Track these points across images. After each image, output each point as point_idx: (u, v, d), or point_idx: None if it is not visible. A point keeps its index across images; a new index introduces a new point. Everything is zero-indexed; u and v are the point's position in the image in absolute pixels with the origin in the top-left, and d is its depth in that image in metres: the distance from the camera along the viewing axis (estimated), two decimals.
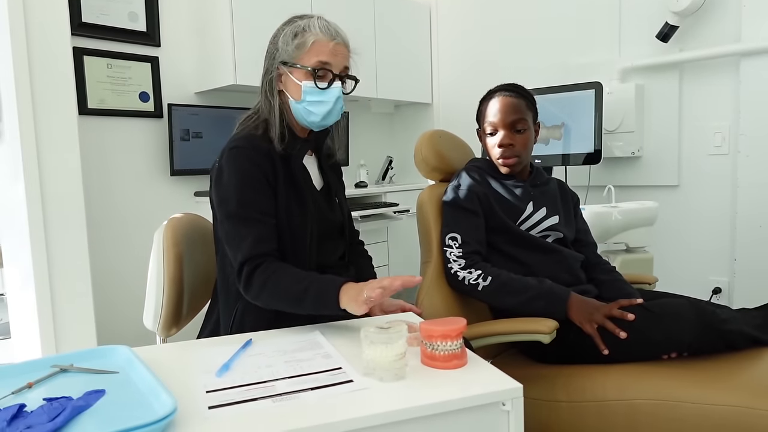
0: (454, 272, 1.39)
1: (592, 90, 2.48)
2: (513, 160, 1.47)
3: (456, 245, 1.41)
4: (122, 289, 2.58)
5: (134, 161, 2.67)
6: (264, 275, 1.08)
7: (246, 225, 1.12)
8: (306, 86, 1.18)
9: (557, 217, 1.52)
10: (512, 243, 1.45)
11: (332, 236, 1.30)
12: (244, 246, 1.10)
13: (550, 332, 1.20)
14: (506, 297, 1.34)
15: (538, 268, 1.43)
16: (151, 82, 2.70)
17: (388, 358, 0.77)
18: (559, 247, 1.48)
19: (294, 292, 1.05)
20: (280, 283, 1.07)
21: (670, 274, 2.60)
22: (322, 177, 1.32)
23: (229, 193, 1.14)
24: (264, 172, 1.15)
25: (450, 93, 3.66)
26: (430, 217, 1.50)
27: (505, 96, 1.48)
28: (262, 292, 1.08)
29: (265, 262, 1.10)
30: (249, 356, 0.89)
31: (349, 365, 0.83)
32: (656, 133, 2.64)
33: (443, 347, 0.81)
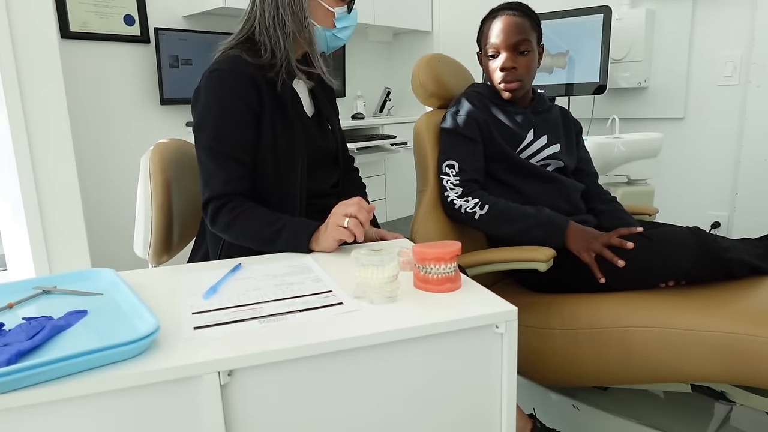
0: (450, 200, 1.37)
1: (600, 15, 2.36)
2: (515, 84, 1.42)
3: (453, 173, 1.38)
4: (114, 220, 2.56)
5: (122, 89, 2.58)
6: (231, 214, 1.08)
7: (218, 161, 1.10)
8: (339, 12, 1.17)
9: (558, 145, 1.49)
10: (511, 171, 1.43)
11: (325, 164, 1.27)
12: (213, 183, 1.09)
13: (546, 260, 1.19)
14: (503, 226, 1.32)
15: (536, 197, 1.41)
16: (136, 4, 2.56)
17: (379, 281, 0.75)
18: (559, 176, 1.46)
19: (264, 234, 1.05)
20: (248, 224, 1.07)
21: (670, 207, 2.58)
22: (313, 103, 1.28)
23: (206, 122, 1.10)
24: (246, 100, 1.11)
25: (451, 20, 3.51)
26: (427, 145, 1.47)
27: (508, 15, 1.40)
28: (228, 230, 1.09)
29: (232, 201, 1.09)
30: (237, 280, 0.88)
31: (340, 289, 0.82)
32: (665, 63, 2.54)
33: (436, 270, 0.79)
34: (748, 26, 2.30)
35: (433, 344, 0.70)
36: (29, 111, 1.78)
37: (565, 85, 2.49)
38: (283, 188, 1.15)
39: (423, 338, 0.69)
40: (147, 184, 1.24)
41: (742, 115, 2.37)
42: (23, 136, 1.77)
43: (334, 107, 1.38)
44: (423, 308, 0.74)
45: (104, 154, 2.56)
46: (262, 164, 1.14)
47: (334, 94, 1.38)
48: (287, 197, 1.15)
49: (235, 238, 1.10)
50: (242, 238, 1.08)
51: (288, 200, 1.15)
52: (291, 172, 1.15)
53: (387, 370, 0.68)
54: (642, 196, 2.16)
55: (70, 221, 1.88)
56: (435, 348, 0.70)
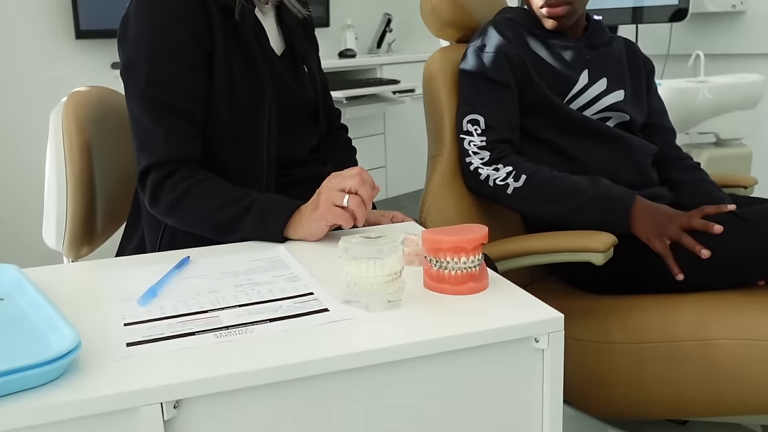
0: (474, 169, 1.38)
1: None
2: (563, 9, 1.42)
3: (478, 131, 1.39)
4: (17, 198, 2.57)
5: (22, 20, 2.56)
6: (179, 189, 1.08)
7: (157, 114, 1.10)
8: None
9: (622, 92, 1.50)
10: (557, 128, 1.44)
11: (301, 120, 1.28)
12: (152, 145, 1.10)
13: (605, 250, 1.20)
14: (546, 203, 1.34)
15: (591, 164, 1.42)
16: None
17: (377, 279, 0.75)
18: (623, 133, 1.46)
19: (222, 216, 1.05)
20: (201, 201, 1.07)
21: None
22: (283, 37, 1.28)
23: (138, 62, 1.11)
24: (194, 31, 1.11)
25: None
26: (442, 93, 1.48)
27: None
28: (174, 211, 1.09)
29: (180, 170, 1.09)
30: (185, 279, 0.88)
31: (324, 290, 0.82)
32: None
33: (455, 265, 0.79)
34: None
35: (449, 365, 0.70)
36: None
37: (632, 9, 2.48)
38: (244, 153, 1.15)
39: (435, 357, 0.69)
40: (59, 150, 1.24)
41: None
42: None
43: (313, 43, 1.38)
44: (436, 316, 0.74)
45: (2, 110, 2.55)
46: (215, 120, 1.14)
47: (312, 26, 1.38)
48: (249, 165, 1.16)
49: (182, 222, 1.10)
50: (193, 221, 1.09)
51: (250, 169, 1.16)
52: (254, 130, 1.16)
53: (387, 400, 0.69)
54: (735, 161, 2.16)
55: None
56: (452, 370, 0.71)
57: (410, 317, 0.74)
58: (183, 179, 1.09)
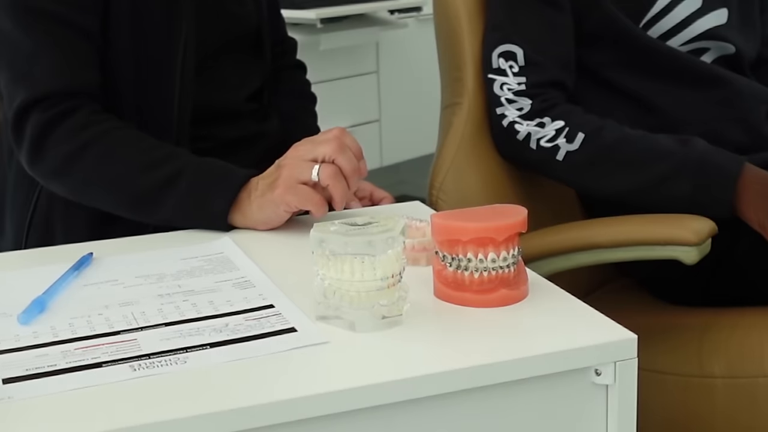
0: (509, 124, 1.40)
1: None
2: None
3: (514, 69, 1.41)
4: None
5: None
6: (79, 138, 1.10)
7: (41, 28, 1.12)
8: None
9: (725, 11, 1.52)
10: (629, 64, 1.46)
11: (236, 53, 1.32)
12: (36, 71, 1.12)
13: (699, 243, 1.21)
14: (613, 174, 1.36)
15: (681, 116, 1.44)
16: None
17: (366, 286, 0.76)
18: (726, 72, 1.49)
19: (140, 183, 1.07)
20: (110, 158, 1.09)
21: None
22: None
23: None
24: None
25: None
26: (461, 12, 1.49)
27: None
28: (67, 171, 1.10)
29: (80, 110, 1.11)
30: (86, 286, 0.89)
31: (289, 301, 0.83)
32: None
33: (479, 264, 0.80)
34: None
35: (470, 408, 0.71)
36: None
37: None
38: (147, 98, 1.19)
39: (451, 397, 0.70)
40: None
41: None
42: None
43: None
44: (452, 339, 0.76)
45: None
46: (108, 47, 1.17)
47: None
48: (153, 117, 1.19)
49: (77, 189, 1.13)
50: (94, 188, 1.11)
51: (153, 123, 1.18)
52: (162, 64, 1.18)
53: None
54: None
55: None
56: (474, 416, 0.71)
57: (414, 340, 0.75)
58: (84, 124, 1.11)
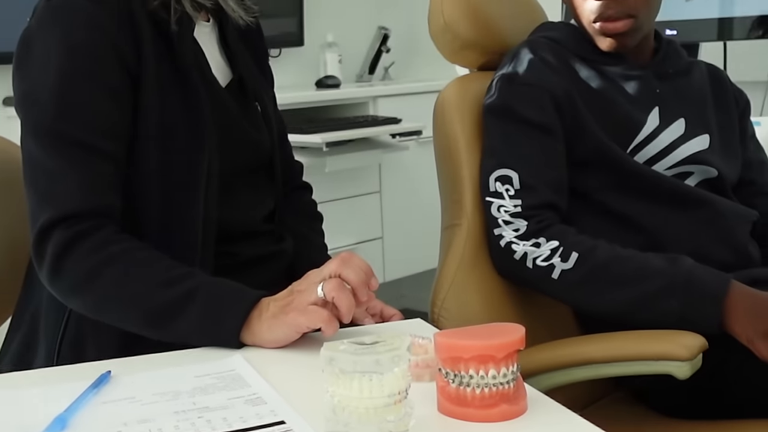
0: (506, 245, 1.41)
1: None
2: (623, 24, 1.47)
3: (510, 192, 1.42)
4: None
5: None
6: (97, 256, 1.09)
7: (66, 154, 1.13)
8: None
9: (706, 137, 1.53)
10: (619, 188, 1.47)
11: (252, 177, 1.33)
12: (58, 194, 1.12)
13: (690, 358, 1.20)
14: (606, 291, 1.36)
15: (668, 237, 1.45)
16: None
17: (374, 402, 0.76)
18: (709, 195, 1.49)
19: (155, 301, 1.07)
20: (127, 277, 1.09)
21: None
22: (228, 63, 1.34)
23: (42, 87, 1.15)
24: (115, 47, 1.16)
25: None
26: (460, 140, 1.51)
27: None
28: (86, 287, 1.10)
29: (103, 229, 1.11)
30: (105, 403, 0.88)
31: (300, 417, 0.83)
32: None
33: (480, 380, 0.80)
34: None
35: None
36: None
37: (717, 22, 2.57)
38: (173, 220, 1.19)
39: None
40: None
41: None
42: None
43: (265, 70, 1.44)
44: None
45: None
46: (138, 174, 1.18)
47: (264, 47, 1.44)
48: (179, 238, 1.18)
49: (95, 306, 1.12)
50: (111, 306, 1.10)
51: (180, 243, 1.18)
52: (189, 189, 1.19)
53: None
54: None
55: None
56: None
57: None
58: (102, 243, 1.10)
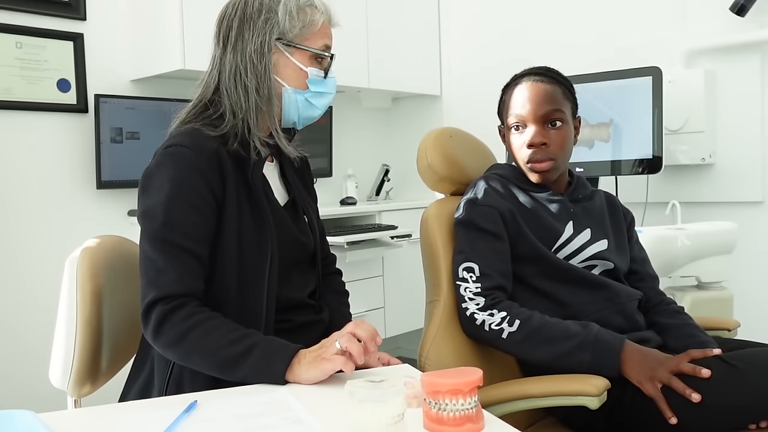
0: (470, 314, 1.39)
1: (648, 77, 2.51)
2: (546, 164, 1.48)
3: (473, 278, 1.41)
4: (28, 338, 2.54)
5: (49, 169, 2.67)
6: (185, 324, 1.09)
7: (169, 253, 1.13)
8: (313, 74, 1.25)
9: (605, 241, 1.53)
10: (547, 275, 1.46)
11: (300, 266, 1.32)
12: (162, 281, 1.11)
13: (598, 394, 1.19)
14: (539, 347, 1.34)
15: (581, 309, 1.43)
16: (73, 66, 2.71)
17: (381, 422, 0.76)
18: (608, 281, 1.48)
19: (226, 354, 1.06)
20: (205, 338, 1.08)
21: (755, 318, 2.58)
22: (285, 188, 1.34)
23: (156, 207, 1.15)
24: (208, 181, 1.16)
25: (464, 82, 3.70)
26: (438, 242, 1.51)
27: (535, 82, 1.50)
28: (178, 345, 1.09)
29: (187, 306, 1.11)
30: (194, 423, 0.87)
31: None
32: (733, 134, 2.66)
33: (453, 407, 0.80)
34: None
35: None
36: None
37: (611, 163, 2.59)
38: (246, 297, 1.18)
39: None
40: (72, 295, 1.26)
41: None
42: None
43: (312, 193, 1.44)
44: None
45: (23, 249, 2.58)
46: (222, 265, 1.18)
47: (310, 177, 1.45)
48: (250, 310, 1.18)
49: (183, 357, 1.11)
50: (195, 356, 1.09)
51: (251, 314, 1.17)
52: (257, 275, 1.18)
53: None
54: (718, 305, 2.17)
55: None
56: None
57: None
58: (189, 315, 1.10)
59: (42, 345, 2.22)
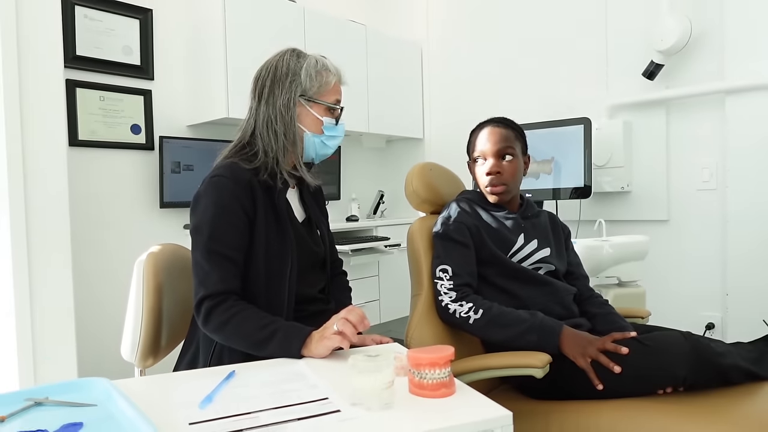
0: (444, 305, 1.39)
1: (581, 125, 2.54)
2: (501, 188, 1.49)
3: (447, 277, 1.41)
4: (106, 322, 2.53)
5: (124, 193, 2.67)
6: (226, 314, 1.10)
7: (214, 261, 1.14)
8: (327, 122, 1.26)
9: (549, 249, 1.53)
10: (504, 275, 1.46)
11: (314, 269, 1.31)
12: (208, 282, 1.12)
13: (542, 366, 1.19)
14: (497, 330, 1.33)
15: (530, 301, 1.43)
16: (143, 114, 2.72)
17: (376, 387, 0.76)
18: (551, 279, 1.49)
19: (256, 336, 1.07)
20: (241, 324, 1.09)
21: (662, 309, 2.60)
22: (303, 209, 1.35)
23: (203, 223, 1.15)
24: (242, 204, 1.17)
25: (441, 128, 3.72)
26: (420, 249, 1.51)
27: (494, 126, 1.51)
28: (221, 330, 1.10)
29: (228, 300, 1.12)
30: (232, 388, 0.88)
31: (337, 395, 0.82)
32: (645, 168, 2.68)
33: (431, 375, 0.80)
34: (720, 135, 2.47)
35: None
36: (31, 212, 1.83)
37: (552, 190, 2.61)
38: (272, 292, 1.18)
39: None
40: (139, 289, 1.27)
41: (723, 218, 2.47)
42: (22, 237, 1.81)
43: (324, 212, 1.44)
44: (418, 415, 0.75)
45: (103, 254, 2.58)
46: (253, 268, 1.18)
47: (323, 200, 1.46)
48: (275, 302, 1.18)
49: (226, 339, 1.11)
50: (234, 338, 1.10)
51: (276, 305, 1.18)
52: (280, 276, 1.19)
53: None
54: (634, 298, 2.18)
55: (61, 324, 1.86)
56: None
57: (400, 416, 0.74)
58: (230, 307, 1.10)
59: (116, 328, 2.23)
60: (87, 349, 2.42)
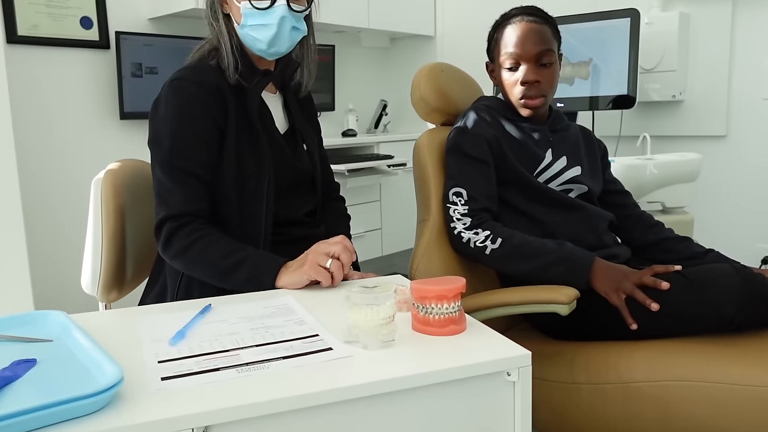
0: (457, 233, 1.39)
1: (626, 19, 2.45)
2: (539, 101, 1.45)
3: (461, 201, 1.40)
4: (62, 251, 2.58)
5: (75, 101, 2.63)
6: (189, 238, 1.12)
7: (176, 177, 1.14)
8: (244, 7, 1.17)
9: (580, 167, 1.52)
10: (528, 198, 1.45)
11: (299, 189, 1.30)
12: (170, 201, 1.14)
13: (569, 302, 1.20)
14: (518, 262, 1.34)
15: (557, 229, 1.43)
16: (94, 4, 2.63)
17: (373, 323, 0.77)
18: (582, 203, 1.48)
19: (222, 264, 1.09)
20: (205, 250, 1.11)
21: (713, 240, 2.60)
22: (287, 118, 1.32)
23: (164, 135, 1.15)
24: (210, 112, 1.15)
25: (457, 24, 3.60)
26: (429, 168, 1.49)
27: (527, 21, 1.45)
28: (182, 256, 1.12)
29: (192, 223, 1.13)
30: (208, 323, 0.89)
31: (328, 332, 0.83)
32: (702, 72, 2.62)
33: (438, 310, 0.81)
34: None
35: (435, 395, 0.71)
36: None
37: (589, 98, 2.56)
38: (246, 213, 1.19)
39: (424, 388, 0.70)
40: (98, 212, 1.28)
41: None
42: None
43: (314, 124, 1.41)
44: (423, 354, 0.75)
45: (53, 176, 2.58)
46: (224, 185, 1.18)
47: (314, 109, 1.42)
48: (250, 223, 1.19)
49: (187, 267, 1.13)
50: (196, 267, 1.12)
51: (251, 226, 1.19)
52: (255, 195, 1.19)
53: (383, 425, 0.69)
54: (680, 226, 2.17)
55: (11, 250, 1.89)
56: (437, 399, 0.71)
57: (401, 355, 0.75)
58: (193, 231, 1.12)
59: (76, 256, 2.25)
60: (44, 282, 2.47)
